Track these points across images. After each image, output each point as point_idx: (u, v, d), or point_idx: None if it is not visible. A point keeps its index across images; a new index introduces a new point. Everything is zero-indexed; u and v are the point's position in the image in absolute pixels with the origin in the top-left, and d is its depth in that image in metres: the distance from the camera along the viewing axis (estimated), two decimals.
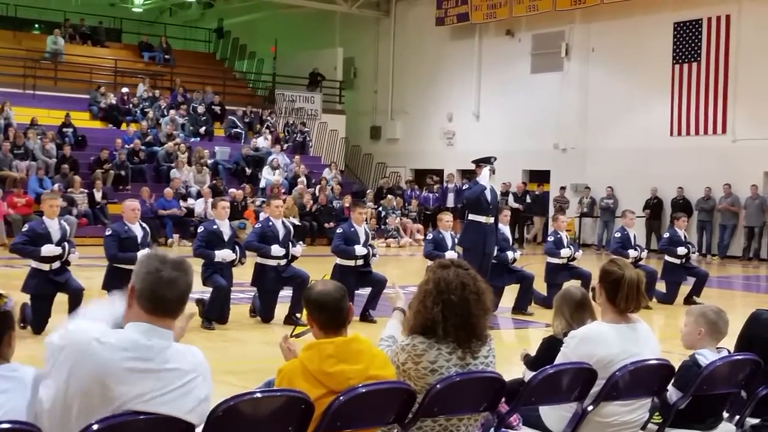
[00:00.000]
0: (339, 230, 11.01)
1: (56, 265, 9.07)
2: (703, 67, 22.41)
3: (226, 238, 10.14)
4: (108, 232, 9.61)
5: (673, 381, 4.48)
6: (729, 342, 4.87)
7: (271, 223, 10.43)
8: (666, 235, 13.69)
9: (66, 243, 9.13)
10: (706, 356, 4.58)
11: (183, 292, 3.03)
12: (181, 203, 21.77)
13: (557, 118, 25.22)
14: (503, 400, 4.05)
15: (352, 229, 10.79)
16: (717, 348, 4.70)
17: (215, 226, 10.18)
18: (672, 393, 4.49)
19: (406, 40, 29.77)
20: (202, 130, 26.29)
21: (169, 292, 2.99)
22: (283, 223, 10.59)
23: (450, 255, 10.27)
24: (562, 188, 24.89)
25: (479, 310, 3.80)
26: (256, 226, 11.01)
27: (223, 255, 9.96)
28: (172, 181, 22.31)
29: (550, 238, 12.46)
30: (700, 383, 4.42)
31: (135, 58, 30.61)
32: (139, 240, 9.46)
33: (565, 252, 12.11)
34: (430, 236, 11.78)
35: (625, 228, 13.22)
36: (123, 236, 9.43)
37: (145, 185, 22.05)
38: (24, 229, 9.30)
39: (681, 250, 13.06)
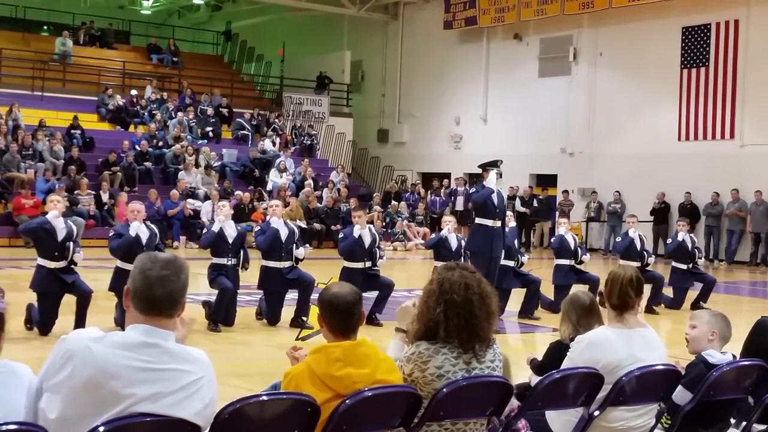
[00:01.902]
0: (341, 235, 11.32)
1: (62, 263, 9.09)
2: (711, 72, 22.36)
3: (230, 239, 10.15)
4: (111, 233, 9.75)
5: (682, 381, 4.46)
6: (733, 347, 4.85)
7: (271, 225, 10.45)
8: (670, 240, 13.75)
9: (71, 243, 9.15)
10: (713, 356, 4.58)
11: (173, 290, 3.01)
12: (187, 205, 21.75)
13: (565, 122, 25.20)
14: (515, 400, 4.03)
15: (356, 233, 10.84)
16: (722, 352, 4.69)
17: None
18: (680, 393, 4.46)
19: (413, 44, 29.77)
20: (210, 132, 26.33)
21: (159, 290, 2.98)
22: (286, 224, 10.61)
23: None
24: (565, 192, 24.81)
25: (482, 312, 3.76)
26: (257, 228, 11.08)
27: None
28: (178, 182, 22.34)
29: (555, 239, 12.74)
30: (707, 388, 4.40)
31: (143, 60, 30.66)
32: (145, 241, 9.45)
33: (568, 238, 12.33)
34: (433, 236, 12.06)
35: (629, 233, 13.21)
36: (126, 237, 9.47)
37: (152, 187, 22.08)
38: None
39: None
